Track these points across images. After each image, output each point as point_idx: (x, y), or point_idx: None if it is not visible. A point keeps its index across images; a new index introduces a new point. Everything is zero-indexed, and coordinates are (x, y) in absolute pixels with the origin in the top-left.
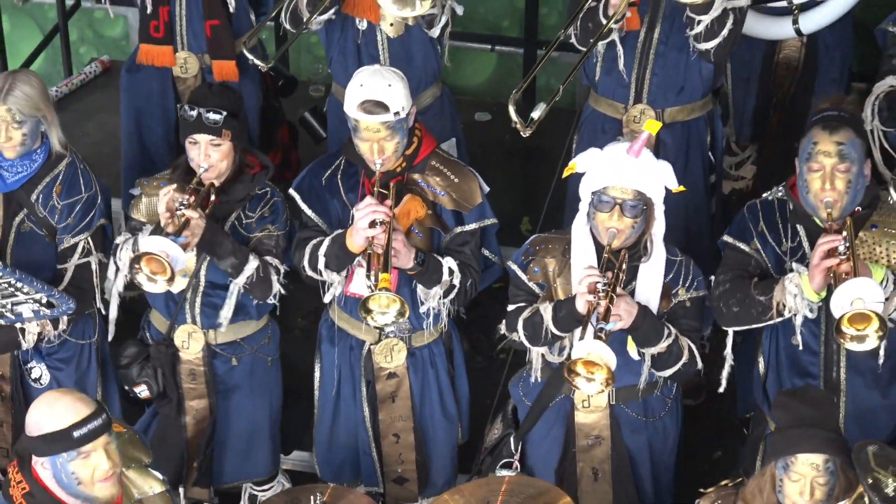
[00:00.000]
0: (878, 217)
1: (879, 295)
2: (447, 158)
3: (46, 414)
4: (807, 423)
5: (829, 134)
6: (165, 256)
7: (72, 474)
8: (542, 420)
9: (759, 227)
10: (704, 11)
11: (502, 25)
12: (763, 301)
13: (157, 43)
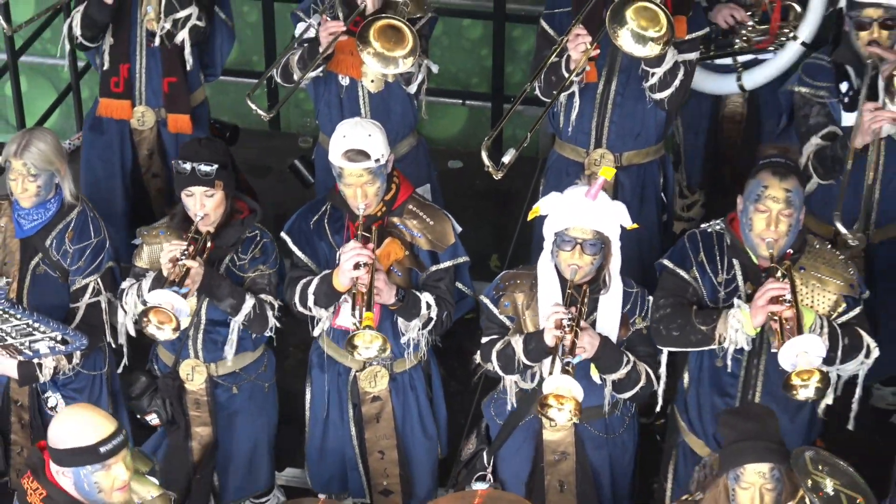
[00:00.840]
0: (806, 261)
1: (822, 350)
2: (423, 202)
3: (73, 430)
4: (751, 437)
5: (780, 180)
6: (171, 308)
7: (94, 484)
8: (513, 437)
9: (698, 257)
10: (658, 64)
11: (472, 82)
12: (705, 331)
13: (116, 97)
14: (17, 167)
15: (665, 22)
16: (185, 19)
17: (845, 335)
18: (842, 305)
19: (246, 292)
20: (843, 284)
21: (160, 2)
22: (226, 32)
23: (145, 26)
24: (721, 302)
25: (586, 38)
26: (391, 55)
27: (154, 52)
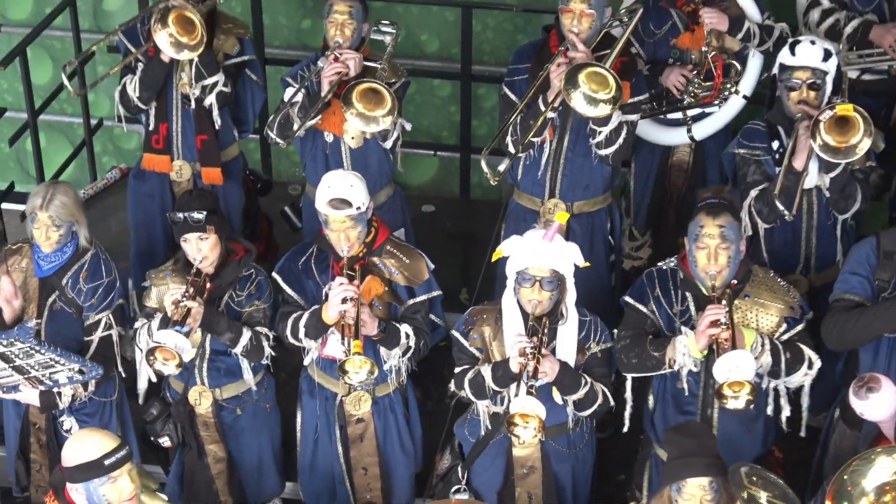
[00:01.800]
0: (750, 289)
1: (752, 366)
2: (399, 244)
3: (80, 448)
4: (691, 453)
5: (713, 218)
6: (174, 347)
7: (103, 496)
8: (485, 453)
9: (655, 293)
10: (605, 123)
11: (442, 135)
12: (657, 356)
13: (157, 153)
14: (42, 218)
15: (613, 85)
16: (212, 86)
17: (787, 350)
18: (783, 326)
19: (243, 326)
20: (784, 307)
21: (191, 70)
22: (257, 92)
23: (180, 91)
24: (678, 331)
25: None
26: (372, 115)
27: (188, 113)
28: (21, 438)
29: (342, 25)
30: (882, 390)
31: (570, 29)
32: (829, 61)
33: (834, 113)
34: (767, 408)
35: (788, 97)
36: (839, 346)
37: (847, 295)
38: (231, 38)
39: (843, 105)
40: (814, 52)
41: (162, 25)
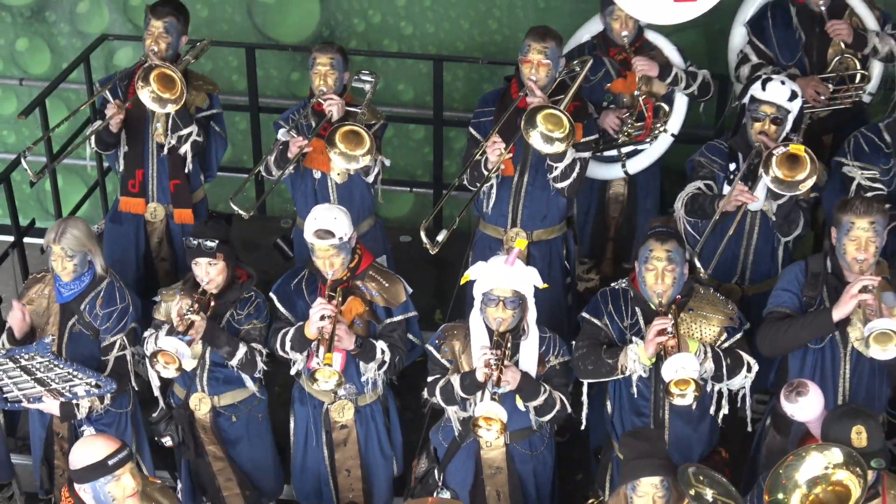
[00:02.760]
0: (693, 303)
1: (696, 366)
2: (380, 269)
3: (86, 452)
4: (645, 455)
5: (661, 243)
6: (175, 352)
7: (108, 493)
8: (457, 456)
9: (608, 308)
10: (560, 160)
11: (417, 173)
12: (611, 363)
13: (133, 196)
14: (56, 251)
15: (567, 125)
16: (187, 136)
17: (727, 357)
18: (723, 335)
19: (240, 341)
20: (724, 318)
21: (167, 121)
22: (220, 142)
23: (155, 140)
24: (629, 341)
25: (501, 145)
26: (353, 154)
27: (163, 160)
28: (45, 447)
29: (325, 75)
30: (809, 394)
31: (529, 77)
32: (793, 101)
33: (787, 150)
34: (711, 409)
35: (752, 126)
36: (771, 353)
37: (779, 308)
38: (202, 93)
39: (795, 145)
40: (782, 91)
41: (144, 83)
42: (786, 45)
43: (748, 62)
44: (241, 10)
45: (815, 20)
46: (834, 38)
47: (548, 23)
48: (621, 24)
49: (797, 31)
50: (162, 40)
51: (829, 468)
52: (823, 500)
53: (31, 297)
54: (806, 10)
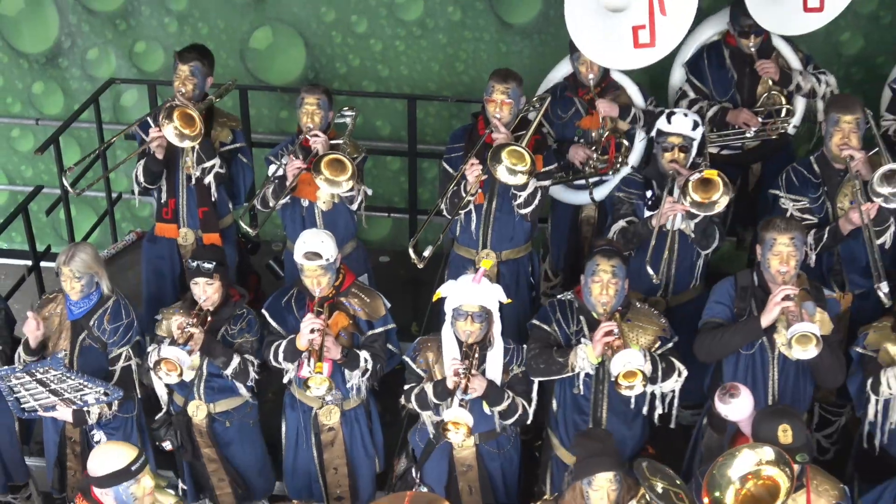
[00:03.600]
0: (631, 315)
1: (641, 360)
2: (362, 286)
3: (108, 460)
4: (598, 453)
5: (607, 259)
6: (176, 360)
7: (131, 494)
8: (433, 456)
9: (556, 316)
10: (523, 189)
11: (394, 200)
12: (561, 362)
13: (167, 222)
14: (65, 272)
15: (528, 159)
16: (210, 167)
17: (662, 362)
18: (657, 343)
19: (234, 352)
20: (657, 329)
21: (194, 155)
22: (247, 172)
23: (185, 172)
24: (574, 345)
25: (479, 167)
26: (337, 180)
27: (192, 189)
28: (59, 450)
29: (312, 114)
30: (741, 396)
31: (494, 115)
32: (696, 130)
33: (701, 175)
34: (644, 409)
35: (662, 156)
36: (707, 358)
37: (713, 319)
38: (226, 129)
39: (708, 170)
40: (685, 122)
41: (168, 121)
42: (720, 83)
43: (686, 97)
44: (234, 56)
45: (745, 60)
46: (763, 76)
47: (509, 65)
48: (587, 68)
49: (730, 71)
50: (189, 82)
51: (760, 465)
52: (755, 493)
53: (44, 314)
54: (738, 52)
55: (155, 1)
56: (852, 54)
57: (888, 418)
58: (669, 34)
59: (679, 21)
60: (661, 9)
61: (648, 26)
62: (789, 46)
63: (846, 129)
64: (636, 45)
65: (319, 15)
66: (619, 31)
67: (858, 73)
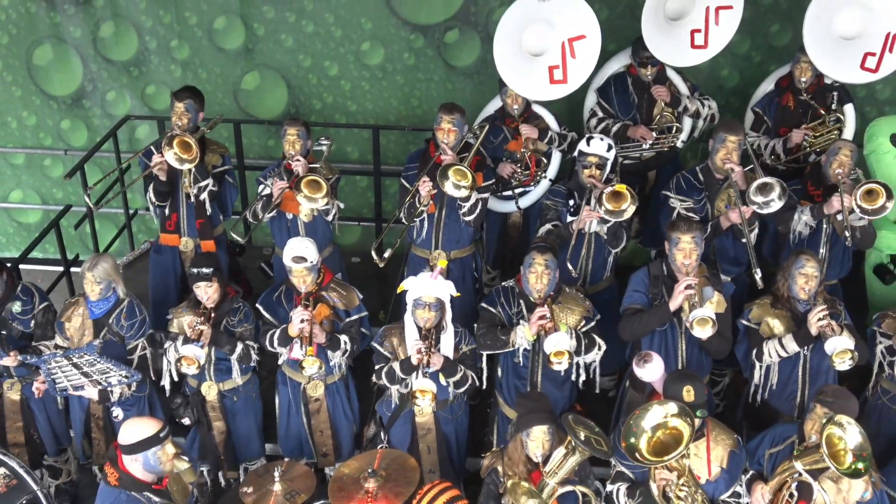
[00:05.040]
0: (562, 298)
1: (568, 341)
2: (339, 282)
3: (139, 430)
4: (534, 410)
5: (541, 254)
6: (194, 356)
7: (158, 458)
8: (397, 422)
9: (500, 300)
10: (467, 201)
11: (363, 212)
12: (504, 339)
13: (169, 233)
14: (88, 276)
15: (470, 176)
16: (204, 187)
17: (585, 338)
18: (582, 322)
19: (237, 341)
20: (583, 310)
21: (190, 176)
22: (233, 191)
23: (184, 191)
24: (516, 324)
25: (429, 183)
26: (314, 197)
27: (191, 205)
28: (85, 425)
29: (293, 142)
30: (653, 362)
31: (442, 140)
32: (610, 152)
33: (613, 188)
34: (572, 376)
35: (582, 172)
36: (631, 338)
37: (632, 305)
38: (216, 154)
39: (619, 184)
40: (602, 145)
41: (168, 147)
42: (623, 105)
43: (596, 116)
44: (229, 96)
45: (644, 86)
46: (657, 99)
47: (454, 100)
48: (512, 101)
49: (632, 95)
50: (184, 116)
51: (667, 417)
52: (664, 441)
53: (69, 315)
54: (638, 80)
55: (162, 51)
56: (731, 87)
57: (769, 380)
58: (578, 73)
59: (586, 62)
60: (571, 53)
61: (562, 66)
62: (679, 76)
63: (730, 147)
64: (552, 81)
65: (298, 61)
66: (538, 70)
67: (736, 102)
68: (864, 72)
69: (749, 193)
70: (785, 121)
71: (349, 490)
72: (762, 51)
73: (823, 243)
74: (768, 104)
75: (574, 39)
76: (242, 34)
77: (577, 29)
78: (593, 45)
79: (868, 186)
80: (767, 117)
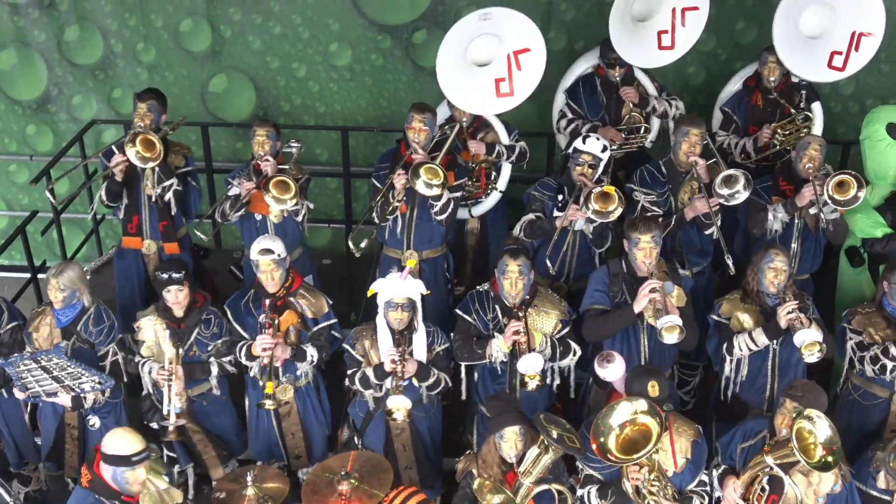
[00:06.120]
0: (538, 301)
1: (541, 363)
2: (309, 287)
3: (119, 443)
4: (505, 411)
5: (514, 259)
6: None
7: (124, 478)
8: (371, 424)
9: (475, 307)
10: (438, 199)
11: (333, 213)
12: (480, 353)
13: (132, 236)
14: (53, 283)
15: (442, 175)
16: (168, 186)
17: (561, 345)
18: (559, 326)
19: (210, 364)
20: (559, 313)
21: (154, 177)
22: (196, 193)
23: (146, 193)
24: (492, 333)
25: (404, 176)
26: (282, 198)
27: (153, 207)
28: (58, 434)
29: (262, 143)
30: (615, 362)
31: (413, 139)
32: (604, 153)
33: (601, 189)
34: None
35: (574, 169)
36: (593, 339)
37: (594, 305)
38: (179, 155)
39: (608, 186)
40: (597, 145)
41: (131, 145)
42: (592, 106)
43: (566, 117)
44: (196, 98)
45: (613, 87)
46: (625, 100)
47: (423, 100)
48: (460, 113)
49: (600, 96)
50: (147, 118)
51: (635, 414)
52: (632, 437)
53: (36, 325)
54: (607, 81)
55: (128, 54)
56: (697, 84)
57: (739, 373)
58: (525, 85)
59: (531, 74)
60: (517, 65)
61: (508, 79)
62: (647, 77)
63: (693, 140)
64: (498, 94)
65: (266, 63)
66: (483, 83)
67: (702, 99)
68: (832, 70)
69: (715, 186)
70: (755, 120)
71: (322, 493)
72: (728, 48)
73: (795, 238)
74: (738, 104)
75: (519, 52)
76: (209, 36)
77: (521, 42)
78: (538, 57)
79: (839, 178)
80: (737, 116)
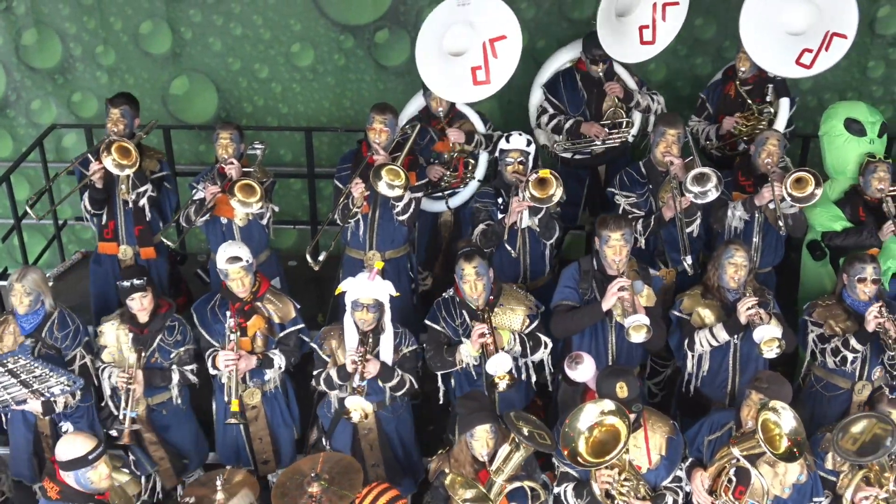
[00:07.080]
0: (503, 300)
1: (509, 363)
2: (276, 291)
3: (71, 448)
4: (476, 410)
5: (469, 262)
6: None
7: (88, 478)
8: (339, 425)
9: (442, 314)
10: (400, 200)
11: (298, 214)
12: (451, 360)
13: (107, 241)
14: (17, 288)
15: (403, 176)
16: (143, 192)
17: (530, 339)
18: (527, 321)
19: (171, 371)
20: (526, 308)
21: (129, 182)
22: (171, 196)
23: (121, 198)
24: (461, 339)
25: (362, 185)
26: (248, 201)
27: (128, 212)
28: (34, 444)
29: (226, 146)
30: (584, 363)
31: (374, 140)
32: (530, 146)
33: (537, 175)
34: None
35: (506, 169)
36: (562, 336)
37: (563, 301)
38: (153, 160)
39: (543, 170)
40: (521, 140)
41: (107, 153)
42: (573, 101)
43: (546, 113)
44: (157, 101)
45: (594, 82)
46: (609, 94)
47: (386, 100)
48: (437, 103)
49: (581, 91)
50: (120, 123)
51: (602, 415)
52: (601, 439)
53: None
54: (587, 75)
55: (88, 58)
56: (658, 80)
57: (701, 368)
58: (501, 73)
59: (508, 62)
60: (493, 53)
61: (484, 67)
62: (627, 72)
63: (669, 140)
64: (475, 82)
65: (227, 64)
66: (460, 72)
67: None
68: (798, 67)
69: (686, 183)
70: (725, 108)
71: (293, 495)
72: (687, 44)
73: (756, 232)
74: (713, 91)
75: (495, 40)
76: (169, 38)
77: (497, 29)
78: (514, 45)
79: (797, 175)
80: (710, 103)
